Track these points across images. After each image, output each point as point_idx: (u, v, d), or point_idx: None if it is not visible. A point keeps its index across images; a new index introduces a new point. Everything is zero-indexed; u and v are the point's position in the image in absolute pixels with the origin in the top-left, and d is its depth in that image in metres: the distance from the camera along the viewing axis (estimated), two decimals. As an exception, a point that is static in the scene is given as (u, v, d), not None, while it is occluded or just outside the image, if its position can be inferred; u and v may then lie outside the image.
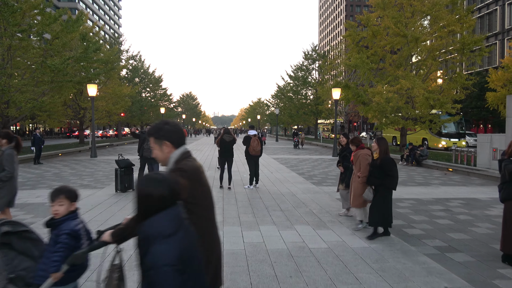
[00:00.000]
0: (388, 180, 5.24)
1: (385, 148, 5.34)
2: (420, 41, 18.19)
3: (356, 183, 5.72)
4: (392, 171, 5.23)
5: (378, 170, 5.29)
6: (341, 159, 6.85)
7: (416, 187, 10.23)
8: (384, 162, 5.25)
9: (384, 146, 5.34)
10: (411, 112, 19.46)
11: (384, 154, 5.31)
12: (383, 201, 5.28)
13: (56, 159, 18.23)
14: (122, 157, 9.15)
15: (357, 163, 5.72)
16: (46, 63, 17.45)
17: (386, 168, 5.23)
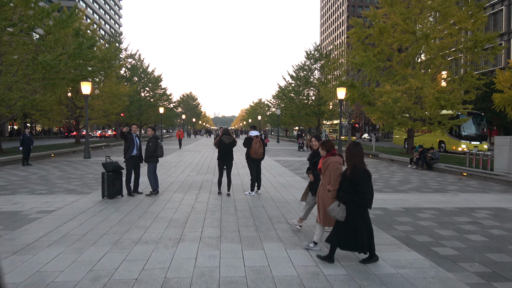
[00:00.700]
0: (357, 197, 4.15)
1: (356, 155, 4.26)
2: (430, 38, 17.30)
3: (325, 197, 4.60)
4: (362, 185, 4.13)
5: (348, 183, 4.25)
6: (311, 166, 5.68)
7: (432, 194, 9.35)
8: (353, 174, 4.19)
9: (352, 153, 4.28)
10: (419, 113, 18.58)
11: (353, 163, 4.23)
12: (355, 223, 4.21)
13: (48, 160, 17.36)
14: (110, 160, 8.28)
15: (326, 172, 4.60)
16: (37, 59, 16.60)
17: (355, 181, 4.17)
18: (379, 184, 10.71)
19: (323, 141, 4.90)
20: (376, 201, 8.09)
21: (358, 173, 4.14)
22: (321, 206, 4.69)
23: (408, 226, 6.08)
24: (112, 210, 6.94)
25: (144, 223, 6.06)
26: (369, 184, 4.18)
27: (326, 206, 4.56)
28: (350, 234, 4.22)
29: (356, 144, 4.36)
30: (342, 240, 4.27)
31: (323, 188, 4.66)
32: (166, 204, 7.55)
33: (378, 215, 6.81)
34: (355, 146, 4.32)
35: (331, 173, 4.52)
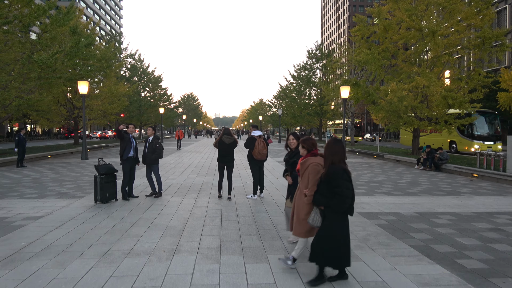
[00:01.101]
0: (334, 201, 3.57)
1: (335, 154, 3.65)
2: (438, 35, 16.77)
3: (300, 203, 3.99)
4: (340, 186, 3.53)
5: (325, 185, 3.68)
6: (289, 167, 5.13)
7: (445, 197, 8.82)
8: (330, 174, 3.61)
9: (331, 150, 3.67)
10: (425, 112, 18.03)
11: (331, 162, 3.65)
12: (332, 230, 3.65)
13: (44, 162, 16.89)
14: (103, 162, 7.78)
15: (305, 174, 3.97)
16: (32, 58, 16.13)
17: (332, 182, 3.60)
18: (388, 187, 10.19)
19: (303, 139, 4.24)
20: (387, 205, 7.58)
21: (336, 172, 3.54)
22: (295, 212, 4.05)
23: (426, 234, 5.57)
24: (104, 216, 6.44)
25: (137, 231, 5.56)
26: (349, 186, 3.57)
27: (300, 214, 3.94)
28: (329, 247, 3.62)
29: (336, 141, 3.77)
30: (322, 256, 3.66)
31: (299, 193, 4.03)
32: (163, 209, 7.05)
33: (391, 221, 6.29)
34: (335, 143, 3.72)
35: (310, 175, 3.87)
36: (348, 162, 16.33)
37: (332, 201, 3.56)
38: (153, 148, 8.23)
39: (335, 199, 3.53)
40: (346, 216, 3.70)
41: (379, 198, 8.42)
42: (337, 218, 3.64)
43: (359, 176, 12.37)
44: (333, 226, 3.64)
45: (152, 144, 8.24)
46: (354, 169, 14.50)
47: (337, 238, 3.64)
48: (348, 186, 3.57)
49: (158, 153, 8.27)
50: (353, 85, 19.35)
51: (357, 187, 9.98)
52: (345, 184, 3.54)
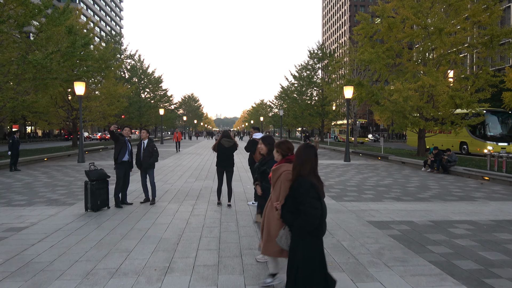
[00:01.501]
0: (298, 221, 2.92)
1: (304, 163, 3.00)
2: (444, 33, 16.25)
3: (271, 217, 3.44)
4: (304, 204, 2.88)
5: (291, 199, 3.05)
6: (259, 176, 4.41)
7: (458, 202, 8.30)
8: (295, 188, 2.98)
9: (301, 159, 3.03)
10: (431, 112, 17.51)
11: (299, 173, 3.01)
12: (300, 254, 2.98)
13: (39, 165, 16.42)
14: (95, 167, 7.29)
15: (277, 184, 3.40)
16: (27, 58, 15.69)
17: (297, 198, 2.95)
18: (396, 191, 9.68)
19: (279, 142, 3.66)
20: (398, 213, 7.07)
21: (302, 187, 2.91)
22: (265, 228, 3.49)
23: (445, 247, 5.06)
24: (93, 227, 5.94)
25: (127, 244, 5.06)
26: (315, 205, 2.88)
27: (271, 230, 3.39)
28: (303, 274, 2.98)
29: (307, 148, 3.10)
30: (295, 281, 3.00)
31: (270, 205, 3.48)
32: (157, 218, 6.56)
33: (405, 232, 5.78)
34: (305, 150, 3.07)
35: (282, 185, 3.31)
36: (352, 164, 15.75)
37: (296, 220, 2.94)
38: (149, 151, 7.77)
39: (299, 218, 2.91)
40: (316, 239, 3.00)
41: (389, 204, 7.91)
42: (300, 241, 2.96)
43: (365, 180, 11.85)
44: (301, 249, 2.96)
45: (148, 148, 7.79)
46: (359, 172, 13.99)
47: (308, 263, 2.96)
48: (314, 204, 2.87)
49: (156, 156, 7.86)
50: (357, 84, 18.85)
51: (364, 192, 9.47)
52: (310, 202, 2.87)
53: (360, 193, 9.35)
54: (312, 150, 3.10)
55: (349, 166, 16.06)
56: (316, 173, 3.05)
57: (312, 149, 3.11)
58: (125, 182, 7.67)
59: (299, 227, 2.92)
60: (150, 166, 7.79)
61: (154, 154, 7.81)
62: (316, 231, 2.97)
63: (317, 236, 3.00)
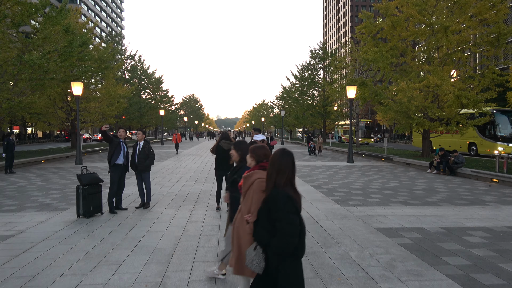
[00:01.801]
0: (275, 240, 2.45)
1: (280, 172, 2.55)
2: (450, 31, 15.85)
3: (242, 230, 2.99)
4: (281, 220, 2.43)
5: (265, 214, 2.56)
6: (229, 186, 3.84)
7: (470, 207, 7.91)
8: (270, 200, 2.51)
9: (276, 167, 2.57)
10: (437, 112, 17.10)
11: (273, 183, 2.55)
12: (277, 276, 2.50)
13: (36, 167, 16.09)
14: (87, 171, 6.93)
15: (249, 193, 2.94)
16: (23, 58, 15.36)
17: (274, 214, 2.48)
18: (403, 195, 9.29)
19: (254, 146, 3.15)
20: (407, 218, 6.68)
21: (277, 200, 2.46)
22: (235, 242, 3.04)
23: (462, 258, 4.67)
24: (84, 235, 5.58)
25: (118, 255, 4.69)
26: (293, 220, 2.43)
27: (241, 245, 2.96)
28: None
29: (284, 154, 2.63)
30: None
31: (240, 216, 3.03)
32: (153, 225, 6.19)
33: (417, 240, 5.40)
34: (282, 157, 2.61)
35: (254, 195, 2.86)
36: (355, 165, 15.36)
37: (273, 239, 2.48)
38: (145, 153, 7.43)
39: (275, 237, 2.47)
40: (295, 260, 2.53)
41: (397, 209, 7.52)
42: (283, 262, 2.47)
43: (370, 182, 11.46)
44: (280, 273, 2.48)
45: (144, 150, 7.44)
46: (363, 174, 13.60)
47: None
48: (293, 220, 2.43)
49: (152, 158, 7.52)
50: (360, 84, 18.47)
51: (370, 196, 9.09)
52: (288, 218, 2.42)
53: (365, 196, 8.97)
54: (289, 157, 2.64)
55: (352, 168, 15.67)
56: (294, 183, 2.59)
57: (289, 155, 2.65)
58: (120, 186, 7.31)
59: (276, 247, 2.44)
60: (145, 169, 7.45)
61: (150, 156, 7.49)
62: (299, 252, 2.52)
63: (298, 256, 2.53)
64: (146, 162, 7.41)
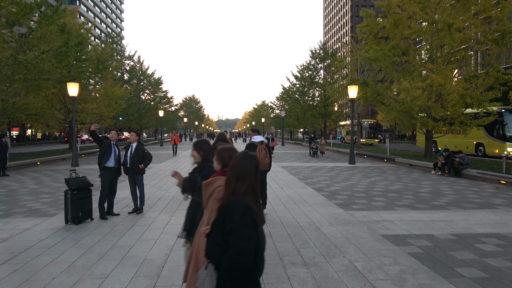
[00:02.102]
0: (225, 257, 2.05)
1: (241, 178, 2.17)
2: (454, 29, 15.48)
3: (201, 245, 2.47)
4: (234, 233, 2.05)
5: (219, 225, 2.15)
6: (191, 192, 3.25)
7: (479, 211, 7.53)
8: (224, 210, 2.14)
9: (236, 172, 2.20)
10: (440, 112, 16.72)
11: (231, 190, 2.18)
12: None
13: (30, 169, 15.73)
14: (76, 174, 6.57)
15: (209, 203, 2.51)
16: (17, 58, 15.03)
17: (228, 226, 2.09)
18: (408, 198, 8.91)
19: (220, 148, 2.69)
20: (415, 224, 6.30)
21: (233, 210, 2.09)
22: (193, 258, 2.54)
23: (477, 270, 4.30)
24: (69, 244, 5.22)
25: (104, 267, 4.33)
26: (250, 236, 2.04)
27: (198, 261, 2.46)
28: None
29: (246, 158, 2.24)
30: None
31: (200, 232, 2.60)
32: (145, 233, 5.83)
33: (427, 249, 5.02)
34: (244, 161, 2.22)
35: (214, 205, 2.43)
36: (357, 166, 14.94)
37: (223, 256, 2.06)
38: (138, 155, 7.08)
39: (226, 254, 2.05)
40: (250, 282, 2.10)
41: (403, 214, 7.15)
42: (234, 284, 2.07)
43: (373, 184, 11.09)
44: None
45: (137, 151, 7.08)
46: (365, 175, 13.23)
47: None
48: (247, 235, 2.03)
49: (149, 159, 7.21)
50: (362, 84, 18.10)
51: (374, 199, 8.72)
52: (243, 232, 2.03)
53: (369, 200, 8.59)
54: (252, 161, 2.24)
55: (354, 169, 15.30)
56: (256, 192, 2.20)
57: (252, 159, 2.25)
58: (112, 190, 6.95)
59: (225, 266, 2.03)
60: (139, 171, 7.10)
61: (147, 157, 7.17)
62: (253, 273, 2.10)
63: (251, 279, 2.10)
64: (144, 162, 7.12)
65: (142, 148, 7.18)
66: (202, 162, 3.22)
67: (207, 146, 3.28)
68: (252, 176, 2.20)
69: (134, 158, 7.07)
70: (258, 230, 2.12)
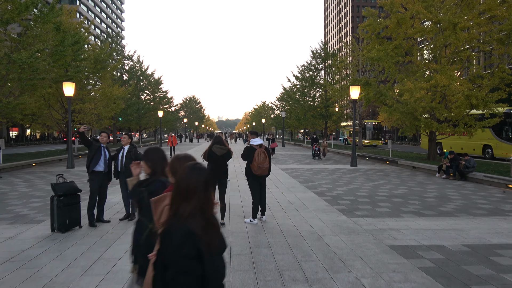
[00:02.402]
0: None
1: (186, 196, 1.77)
2: (459, 28, 15.09)
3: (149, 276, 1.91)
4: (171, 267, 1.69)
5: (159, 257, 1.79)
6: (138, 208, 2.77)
7: (490, 218, 7.14)
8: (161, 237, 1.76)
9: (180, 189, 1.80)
10: (444, 113, 16.32)
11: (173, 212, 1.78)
12: None
13: (25, 171, 15.36)
14: (64, 179, 6.20)
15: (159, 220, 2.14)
16: (11, 57, 14.67)
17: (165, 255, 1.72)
18: (414, 203, 8.53)
19: (173, 159, 2.30)
20: (423, 233, 5.91)
21: (172, 237, 1.70)
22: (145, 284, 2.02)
23: (495, 287, 3.91)
24: (53, 256, 4.83)
25: (86, 284, 3.94)
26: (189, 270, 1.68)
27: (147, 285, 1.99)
28: None
29: (193, 171, 1.83)
30: None
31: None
32: (135, 242, 5.43)
33: (439, 263, 4.63)
34: (190, 175, 1.81)
35: None
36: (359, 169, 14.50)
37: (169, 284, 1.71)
38: (131, 159, 6.68)
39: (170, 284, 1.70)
40: None
41: (410, 221, 6.76)
42: None
43: (376, 188, 10.70)
44: None
45: (129, 154, 6.70)
46: (368, 178, 12.84)
47: None
48: (188, 269, 1.67)
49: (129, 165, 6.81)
50: (364, 84, 17.72)
51: (378, 204, 8.33)
52: (181, 265, 1.67)
53: (373, 205, 8.21)
54: (201, 175, 1.81)
55: (356, 172, 14.91)
56: (208, 213, 1.78)
57: (201, 172, 1.82)
58: (102, 196, 6.58)
59: None
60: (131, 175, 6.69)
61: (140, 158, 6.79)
62: None
63: None
64: None
65: (135, 150, 6.81)
66: (151, 175, 2.70)
67: (156, 155, 2.73)
68: (200, 193, 1.77)
69: (126, 162, 6.69)
70: (204, 261, 1.69)
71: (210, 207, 1.80)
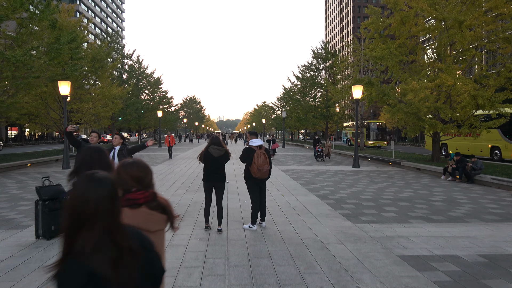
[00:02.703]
0: None
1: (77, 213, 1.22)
2: (465, 26, 14.69)
3: None
4: None
5: None
6: None
7: (504, 224, 6.74)
8: (53, 283, 1.19)
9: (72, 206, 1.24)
10: (449, 114, 15.91)
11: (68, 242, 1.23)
12: None
13: (19, 171, 14.98)
14: (50, 182, 5.81)
15: None
16: (4, 54, 14.28)
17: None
18: (422, 207, 8.12)
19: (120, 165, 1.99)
20: (435, 241, 5.50)
21: (63, 284, 1.17)
22: None
23: (522, 307, 3.51)
24: (33, 266, 4.43)
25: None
26: None
27: None
28: None
29: (90, 185, 1.25)
30: None
31: None
32: (124, 251, 5.03)
33: (455, 276, 4.22)
34: (86, 192, 1.24)
35: None
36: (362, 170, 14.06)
37: None
38: (123, 156, 6.31)
39: None
40: None
41: (419, 228, 6.36)
42: None
43: (381, 191, 10.29)
44: None
45: (121, 153, 6.32)
46: (371, 181, 12.44)
47: None
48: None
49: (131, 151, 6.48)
50: (366, 84, 17.31)
51: (384, 209, 7.92)
52: None
53: (379, 210, 7.80)
54: (102, 186, 1.25)
55: (359, 174, 14.51)
56: (118, 238, 1.24)
57: (102, 184, 1.26)
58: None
59: None
60: None
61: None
62: None
63: None
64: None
65: (126, 148, 6.42)
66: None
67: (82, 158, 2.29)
68: (105, 215, 1.22)
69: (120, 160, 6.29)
70: None
71: (121, 231, 1.26)
